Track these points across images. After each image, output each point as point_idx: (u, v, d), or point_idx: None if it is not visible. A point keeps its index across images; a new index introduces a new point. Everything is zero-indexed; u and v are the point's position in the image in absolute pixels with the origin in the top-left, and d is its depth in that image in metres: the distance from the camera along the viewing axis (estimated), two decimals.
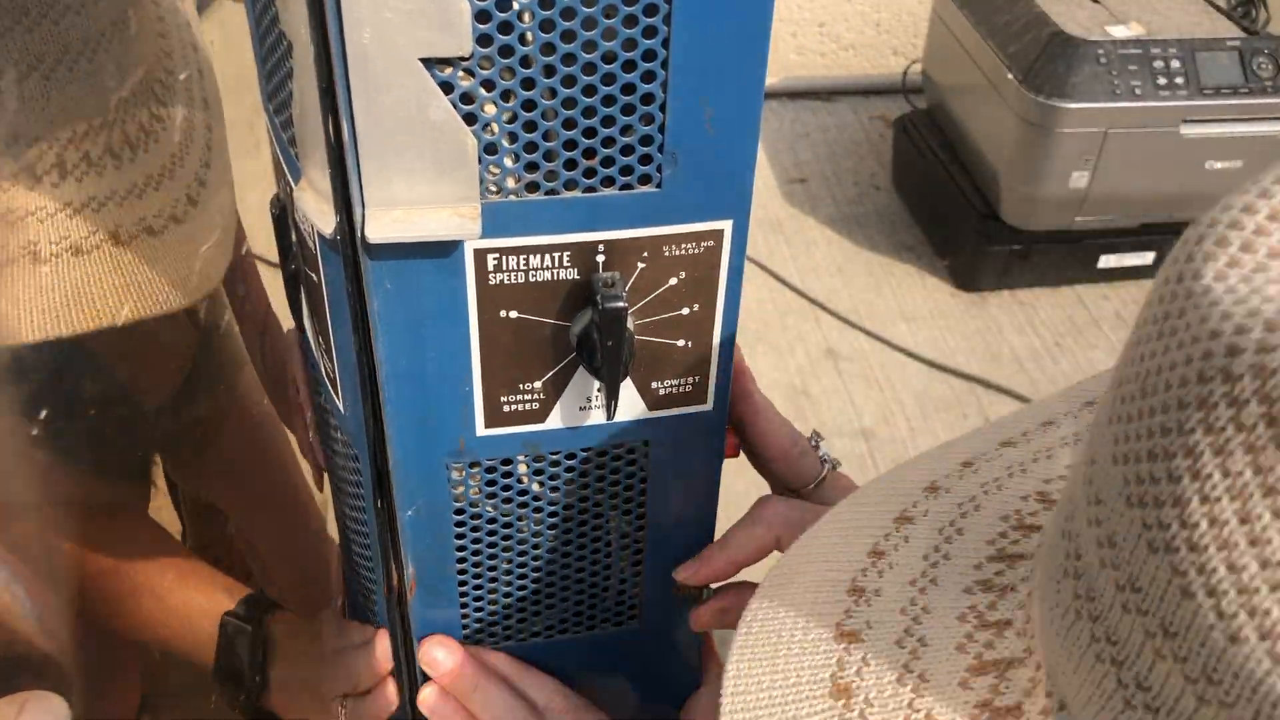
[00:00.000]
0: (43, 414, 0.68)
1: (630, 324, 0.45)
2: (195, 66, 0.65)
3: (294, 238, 0.48)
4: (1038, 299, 2.05)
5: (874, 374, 1.86)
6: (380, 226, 0.40)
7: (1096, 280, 2.08)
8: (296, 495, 1.00)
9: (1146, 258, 2.04)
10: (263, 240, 1.00)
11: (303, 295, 0.51)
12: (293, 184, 0.44)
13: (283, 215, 0.48)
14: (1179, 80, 1.79)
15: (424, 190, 0.40)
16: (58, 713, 0.61)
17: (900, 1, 2.59)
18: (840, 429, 1.73)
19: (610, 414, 0.47)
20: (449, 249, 0.42)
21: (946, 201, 2.08)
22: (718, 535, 0.56)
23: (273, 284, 1.02)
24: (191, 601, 0.73)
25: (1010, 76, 1.83)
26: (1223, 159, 1.85)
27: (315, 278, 0.46)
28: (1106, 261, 2.04)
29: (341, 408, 0.49)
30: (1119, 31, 1.84)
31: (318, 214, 0.42)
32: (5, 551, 0.67)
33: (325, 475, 0.61)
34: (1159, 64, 1.79)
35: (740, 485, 1.82)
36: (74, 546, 0.73)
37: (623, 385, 0.48)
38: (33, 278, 0.56)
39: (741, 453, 0.60)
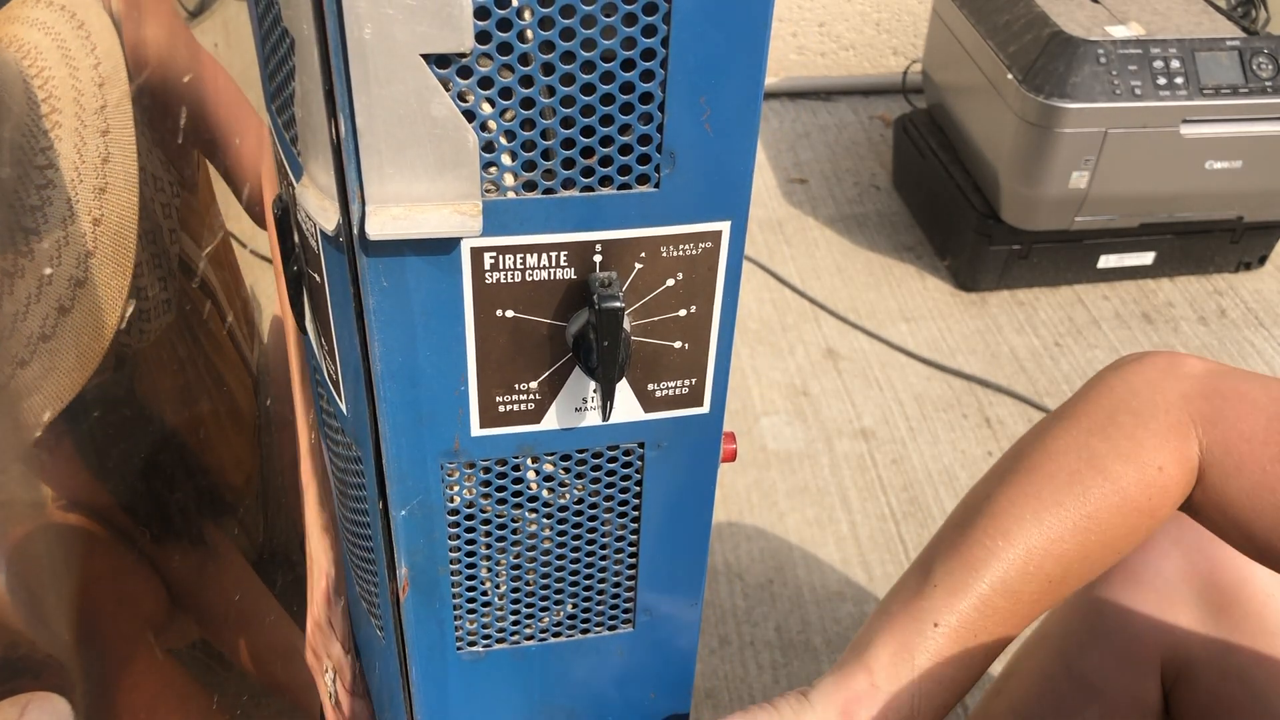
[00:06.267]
0: (46, 416, 0.69)
1: (627, 324, 0.45)
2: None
3: (296, 238, 0.48)
4: (1038, 299, 2.05)
5: (874, 374, 1.86)
6: (380, 223, 0.40)
7: (1096, 280, 2.08)
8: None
9: (1146, 258, 2.03)
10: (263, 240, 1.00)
11: (305, 297, 0.51)
12: (295, 182, 0.44)
13: (285, 216, 0.48)
14: (1179, 80, 1.79)
15: (424, 187, 0.40)
16: (60, 713, 0.62)
17: (900, 1, 2.58)
18: (840, 429, 1.73)
19: (606, 415, 0.47)
20: (447, 246, 0.42)
21: (946, 201, 2.08)
22: (714, 534, 0.56)
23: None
24: None
25: (1010, 76, 1.82)
26: (1223, 159, 1.84)
27: (318, 278, 0.46)
28: (1106, 261, 2.04)
29: (344, 409, 0.49)
30: (1119, 31, 1.84)
31: (319, 211, 0.41)
32: (7, 553, 0.67)
33: None
34: (1159, 64, 1.79)
35: (741, 485, 1.82)
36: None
37: (619, 387, 0.47)
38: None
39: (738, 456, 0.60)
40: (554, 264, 0.44)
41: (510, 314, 0.45)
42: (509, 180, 0.42)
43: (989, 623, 0.62)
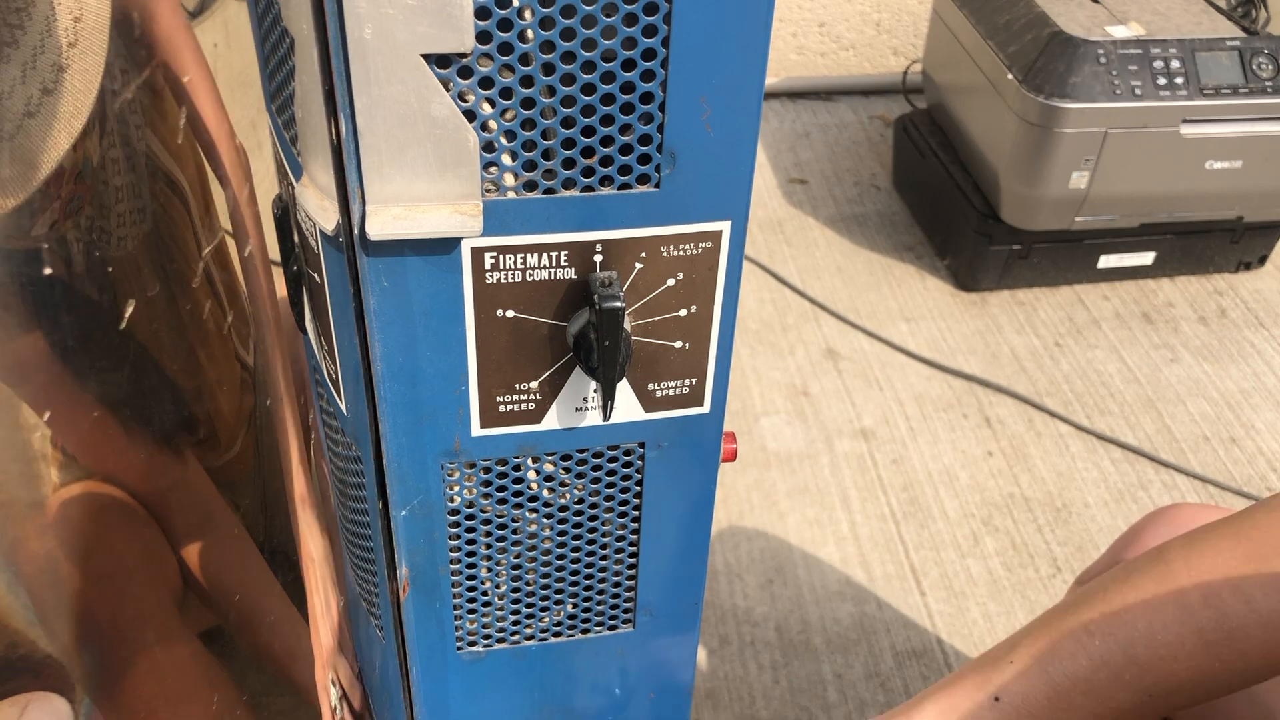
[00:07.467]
0: (46, 416, 0.70)
1: (627, 324, 0.45)
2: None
3: (296, 238, 0.48)
4: (1038, 299, 2.05)
5: (874, 374, 1.86)
6: (380, 223, 0.40)
7: (1096, 280, 2.08)
8: None
9: (1146, 258, 2.03)
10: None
11: (305, 297, 0.51)
12: (294, 182, 0.44)
13: (284, 216, 0.48)
14: (1179, 80, 1.79)
15: (424, 187, 0.40)
16: (60, 713, 0.62)
17: (900, 1, 2.58)
18: (840, 429, 1.72)
19: (606, 415, 0.47)
20: (447, 247, 0.42)
21: (946, 201, 2.08)
22: (714, 534, 0.56)
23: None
24: None
25: (1010, 76, 1.82)
26: (1223, 159, 1.84)
27: (317, 278, 0.46)
28: (1106, 261, 2.04)
29: (344, 408, 0.49)
30: (1119, 31, 1.84)
31: (319, 210, 0.41)
32: (8, 553, 0.68)
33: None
34: (1159, 64, 1.79)
35: (741, 485, 1.82)
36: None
37: (619, 387, 0.47)
38: None
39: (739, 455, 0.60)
40: (554, 264, 0.44)
41: (511, 314, 0.45)
42: (509, 180, 0.42)
43: (1062, 715, 0.56)
